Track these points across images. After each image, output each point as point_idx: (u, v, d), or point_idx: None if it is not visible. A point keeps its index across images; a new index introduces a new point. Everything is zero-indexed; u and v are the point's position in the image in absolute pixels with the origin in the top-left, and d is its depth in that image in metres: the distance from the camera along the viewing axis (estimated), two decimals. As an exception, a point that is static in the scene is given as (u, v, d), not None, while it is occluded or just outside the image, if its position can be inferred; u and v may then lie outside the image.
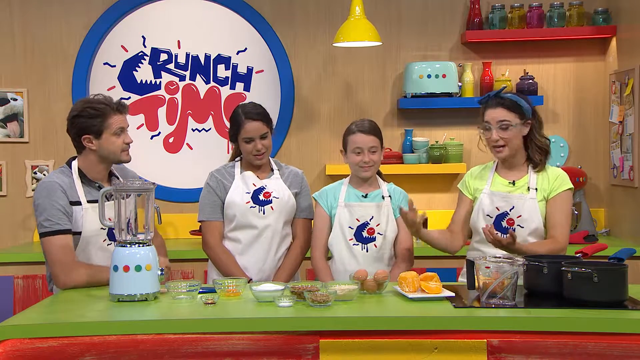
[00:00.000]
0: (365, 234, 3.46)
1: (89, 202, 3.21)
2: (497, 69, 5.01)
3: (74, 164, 3.29)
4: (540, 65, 5.04)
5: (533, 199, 3.23)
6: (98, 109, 3.22)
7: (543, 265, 2.85)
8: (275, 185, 3.58)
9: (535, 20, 4.89)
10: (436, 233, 3.44)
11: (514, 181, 3.30)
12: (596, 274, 2.67)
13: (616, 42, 4.83)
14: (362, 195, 3.51)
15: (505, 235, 3.17)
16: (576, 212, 4.67)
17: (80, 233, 3.21)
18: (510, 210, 3.25)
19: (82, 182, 3.25)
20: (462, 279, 3.36)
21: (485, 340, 2.58)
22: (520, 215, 3.23)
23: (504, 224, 3.25)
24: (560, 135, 5.04)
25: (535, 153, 3.29)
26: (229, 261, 3.52)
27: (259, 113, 3.55)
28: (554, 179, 3.27)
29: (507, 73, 4.96)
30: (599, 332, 2.57)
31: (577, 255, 2.99)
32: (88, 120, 3.21)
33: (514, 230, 3.24)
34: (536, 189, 3.24)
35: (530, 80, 4.91)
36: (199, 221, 3.61)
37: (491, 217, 3.28)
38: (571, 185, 3.28)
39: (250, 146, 3.52)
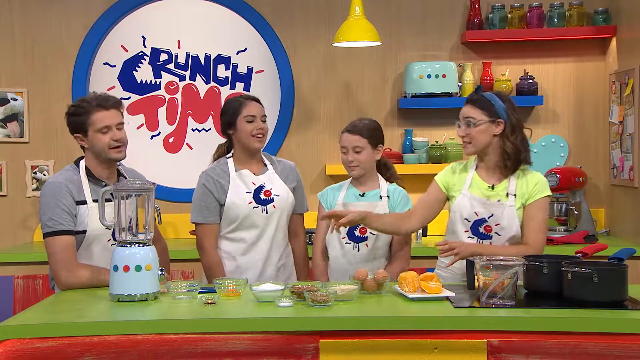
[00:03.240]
0: (357, 233, 3.47)
1: (94, 201, 3.20)
2: (497, 69, 5.01)
3: (82, 162, 3.30)
4: (540, 65, 5.04)
5: (512, 207, 3.17)
6: (81, 106, 3.23)
7: (543, 265, 2.86)
8: (272, 181, 3.57)
9: (535, 20, 4.89)
10: (387, 218, 3.34)
11: (493, 185, 3.22)
12: (596, 274, 2.67)
13: (616, 42, 4.83)
14: (360, 194, 3.52)
15: (480, 241, 3.18)
16: (576, 212, 4.67)
17: (85, 232, 3.21)
18: (488, 218, 3.18)
19: (89, 180, 3.25)
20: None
21: (485, 340, 2.58)
22: (498, 224, 3.17)
23: (482, 229, 3.20)
24: (560, 135, 5.04)
25: (502, 157, 3.20)
26: (220, 272, 3.49)
27: (256, 98, 3.60)
28: (534, 184, 3.19)
29: (507, 73, 4.96)
30: (599, 332, 2.57)
31: (577, 255, 2.99)
32: (75, 119, 3.25)
33: (491, 237, 3.20)
34: (515, 194, 3.18)
35: (530, 80, 4.91)
36: (193, 222, 3.58)
37: (469, 222, 3.22)
38: (549, 193, 3.21)
39: (252, 126, 3.50)
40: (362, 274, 2.99)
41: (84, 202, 3.21)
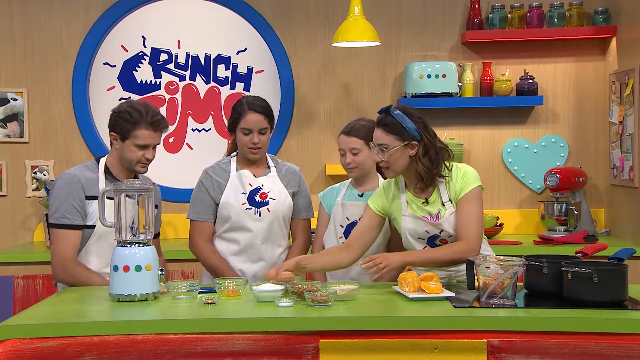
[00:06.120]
0: None
1: (108, 198, 3.22)
2: (497, 69, 5.01)
3: (102, 160, 3.36)
4: (540, 65, 5.04)
5: (453, 214, 3.12)
6: (133, 116, 3.26)
7: (543, 265, 2.86)
8: (272, 184, 3.55)
9: (535, 20, 4.89)
10: (324, 258, 3.28)
11: (426, 199, 3.17)
12: (596, 274, 2.68)
13: (616, 42, 4.83)
14: (359, 195, 3.52)
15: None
16: (576, 212, 4.67)
17: (94, 227, 3.26)
18: (440, 233, 3.16)
19: (106, 178, 3.31)
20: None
21: (485, 340, 2.59)
22: (451, 235, 3.14)
23: (437, 242, 3.18)
24: (560, 135, 5.04)
25: (416, 177, 3.13)
26: (219, 261, 3.50)
27: (262, 106, 3.51)
28: (460, 179, 3.14)
29: (507, 73, 4.97)
30: (599, 332, 2.57)
31: (577, 255, 2.99)
32: (120, 122, 3.29)
33: None
34: (450, 200, 3.14)
35: (530, 80, 4.91)
36: (188, 218, 3.58)
37: (423, 239, 3.19)
38: (478, 183, 3.14)
39: (247, 138, 3.47)
40: (272, 274, 3.08)
41: (97, 197, 3.23)
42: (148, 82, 5.07)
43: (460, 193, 3.12)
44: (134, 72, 5.06)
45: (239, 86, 5.08)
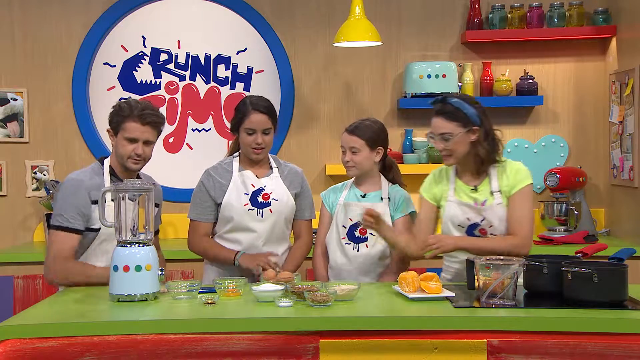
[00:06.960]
0: (357, 233, 3.46)
1: (113, 200, 3.22)
2: (497, 69, 5.01)
3: (106, 162, 3.36)
4: (540, 65, 5.04)
5: (500, 204, 3.15)
6: (122, 109, 3.30)
7: (543, 265, 2.86)
8: (275, 185, 3.54)
9: (535, 20, 4.89)
10: (399, 235, 3.34)
11: (475, 187, 3.20)
12: (596, 274, 2.68)
13: (616, 42, 4.83)
14: (361, 195, 3.52)
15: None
16: (576, 212, 4.67)
17: (99, 229, 3.26)
18: (481, 222, 3.17)
19: (112, 180, 3.30)
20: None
21: (485, 340, 2.59)
22: (492, 225, 3.16)
23: (477, 232, 3.19)
24: (560, 135, 5.04)
25: (476, 161, 3.17)
26: (214, 247, 3.50)
27: (266, 107, 3.50)
28: (514, 174, 3.17)
29: (507, 73, 4.97)
30: (599, 332, 2.58)
31: (577, 255, 2.99)
32: (112, 116, 3.33)
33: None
34: (499, 191, 3.16)
35: (530, 80, 4.91)
36: (188, 217, 3.58)
37: (463, 227, 3.20)
38: (531, 180, 3.18)
39: (251, 138, 3.47)
40: (270, 274, 3.10)
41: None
42: (148, 82, 5.07)
43: (514, 188, 3.15)
44: (134, 72, 5.06)
45: (239, 86, 5.08)
